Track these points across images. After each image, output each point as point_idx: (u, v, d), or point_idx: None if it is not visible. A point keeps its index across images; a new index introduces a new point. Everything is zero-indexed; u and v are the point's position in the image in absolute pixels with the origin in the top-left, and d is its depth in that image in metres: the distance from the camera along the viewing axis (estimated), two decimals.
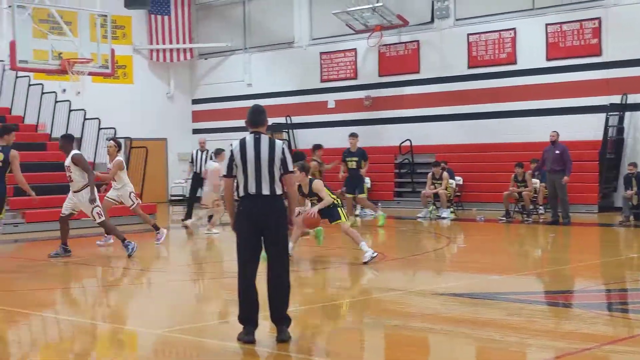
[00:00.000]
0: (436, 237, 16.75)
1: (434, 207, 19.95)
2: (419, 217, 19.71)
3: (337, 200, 12.28)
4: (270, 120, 29.16)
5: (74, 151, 13.17)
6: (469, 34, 22.82)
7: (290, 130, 26.52)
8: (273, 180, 7.23)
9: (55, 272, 12.23)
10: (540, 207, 19.10)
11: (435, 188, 20.08)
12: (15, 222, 17.46)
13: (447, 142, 22.84)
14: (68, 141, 13.30)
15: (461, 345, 7.33)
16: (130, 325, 8.62)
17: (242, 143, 7.26)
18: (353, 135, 18.85)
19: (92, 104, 23.23)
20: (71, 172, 13.01)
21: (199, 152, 19.03)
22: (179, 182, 27.74)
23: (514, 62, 22.13)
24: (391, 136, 23.86)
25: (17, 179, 12.28)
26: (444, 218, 19.39)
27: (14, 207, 17.42)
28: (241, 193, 7.25)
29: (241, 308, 7.24)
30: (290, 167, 7.34)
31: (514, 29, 22.07)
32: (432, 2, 23.44)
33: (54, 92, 22.90)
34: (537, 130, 21.21)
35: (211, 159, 17.59)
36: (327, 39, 25.87)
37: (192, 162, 19.21)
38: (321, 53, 25.99)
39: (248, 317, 7.20)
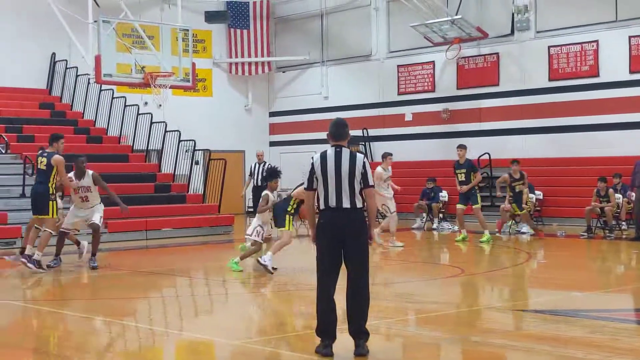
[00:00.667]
0: (516, 252, 16.51)
1: (514, 221, 19.67)
2: (498, 232, 19.46)
3: None
4: None
5: (90, 171, 13.42)
6: (549, 46, 22.48)
7: (367, 143, 26.53)
8: (353, 193, 7.24)
9: (137, 282, 12.47)
10: (623, 223, 18.67)
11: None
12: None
13: (527, 156, 22.50)
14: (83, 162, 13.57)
15: None
16: (209, 335, 8.71)
17: (323, 156, 7.31)
18: (461, 147, 18.18)
19: (172, 116, 23.67)
20: (90, 191, 13.25)
21: (257, 165, 19.17)
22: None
23: (597, 75, 21.70)
24: (469, 149, 23.56)
25: (63, 182, 13.18)
26: (523, 233, 19.11)
27: None
28: (322, 206, 7.29)
29: (319, 320, 7.26)
30: (371, 181, 7.33)
31: (596, 41, 21.66)
32: (513, 14, 23.19)
33: (136, 104, 23.38)
34: (619, 145, 20.78)
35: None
36: (404, 51, 25.82)
37: (250, 174, 19.35)
38: (398, 66, 25.95)
39: (326, 330, 7.21)
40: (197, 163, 23.18)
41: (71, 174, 13.34)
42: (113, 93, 23.25)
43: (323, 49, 28.14)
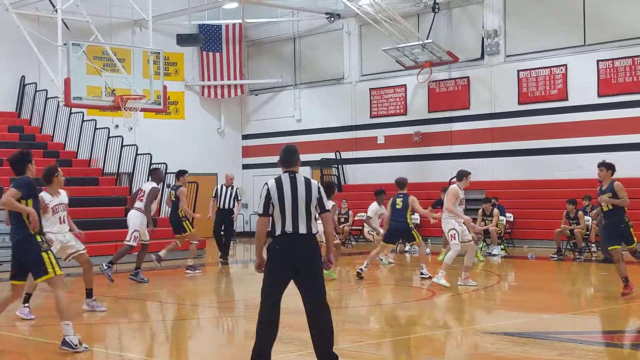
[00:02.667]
0: (486, 274, 16.55)
1: (485, 243, 19.77)
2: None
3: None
4: (320, 156, 29.42)
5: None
6: (519, 70, 22.72)
7: (339, 166, 26.58)
8: (310, 219, 7.23)
9: (107, 307, 12.35)
10: (593, 245, 18.81)
11: (486, 224, 19.93)
12: None
13: (498, 178, 22.69)
14: None
15: None
16: None
17: (279, 182, 7.26)
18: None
19: (144, 139, 23.59)
20: None
21: (225, 188, 18.80)
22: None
23: (566, 99, 21.95)
24: (441, 172, 23.72)
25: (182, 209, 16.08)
26: (494, 255, 19.21)
27: None
28: (277, 232, 7.23)
29: (257, 342, 7.14)
30: (327, 205, 7.36)
31: (565, 65, 21.93)
32: (482, 39, 23.44)
33: (106, 127, 23.27)
34: (588, 167, 20.83)
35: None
36: (376, 75, 25.97)
37: (215, 196, 18.91)
38: (371, 89, 26.08)
39: (262, 352, 7.13)
40: (168, 186, 23.03)
41: None
42: (83, 116, 23.13)
43: (296, 72, 28.23)
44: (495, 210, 19.78)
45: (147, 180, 16.24)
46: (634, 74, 20.79)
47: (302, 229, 7.17)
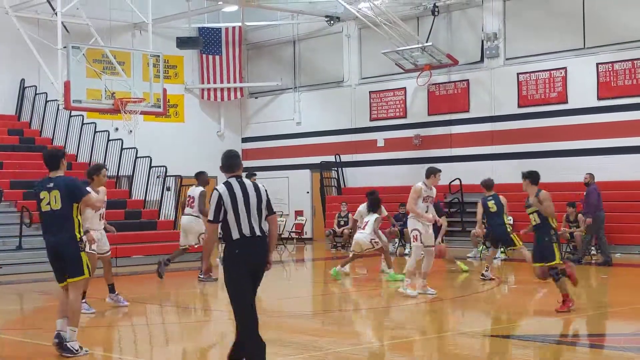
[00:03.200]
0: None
1: (484, 246, 19.77)
2: (469, 257, 19.55)
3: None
4: (319, 159, 29.39)
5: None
6: (519, 73, 22.73)
7: (339, 169, 26.59)
8: (261, 221, 7.33)
9: (107, 310, 12.35)
10: (592, 248, 18.81)
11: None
12: None
13: (497, 181, 22.53)
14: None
15: None
16: None
17: (229, 187, 7.29)
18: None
19: (143, 142, 23.62)
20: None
21: None
22: None
23: (565, 102, 21.95)
24: (441, 175, 23.70)
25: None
26: (495, 258, 19.16)
27: None
28: (235, 236, 7.21)
29: (251, 350, 7.18)
30: (273, 207, 7.47)
31: (564, 68, 21.94)
32: (482, 42, 23.45)
33: (106, 130, 23.31)
34: (588, 170, 20.89)
35: None
36: (376, 78, 25.99)
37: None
38: (370, 92, 26.10)
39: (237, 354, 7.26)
40: (168, 189, 23.07)
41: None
42: (83, 119, 23.17)
43: (295, 75, 28.25)
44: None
45: (194, 185, 16.35)
46: (633, 77, 20.79)
47: (258, 232, 7.26)
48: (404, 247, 21.53)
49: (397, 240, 21.85)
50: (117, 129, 23.75)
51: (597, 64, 21.29)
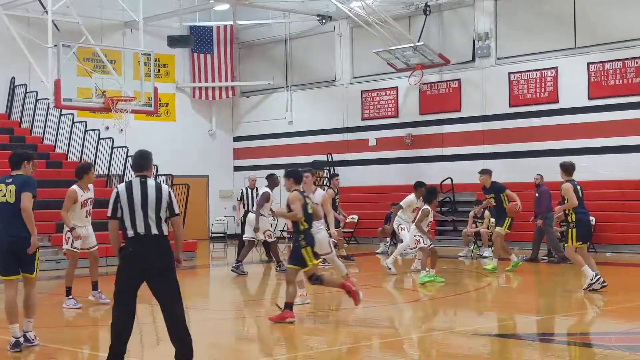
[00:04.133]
0: (477, 276, 16.57)
1: (476, 245, 19.80)
2: (460, 256, 19.58)
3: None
4: (311, 158, 29.28)
5: None
6: (510, 73, 22.76)
7: (331, 168, 26.58)
8: (160, 221, 7.39)
9: (100, 309, 12.31)
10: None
11: (477, 227, 19.97)
12: (57, 258, 17.64)
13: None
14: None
15: None
16: None
17: (129, 186, 7.47)
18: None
19: (134, 141, 23.46)
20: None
21: (249, 190, 18.74)
22: (219, 219, 27.94)
23: (556, 101, 21.99)
24: (432, 174, 23.72)
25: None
26: (485, 257, 19.22)
27: (54, 244, 17.64)
28: (129, 234, 7.33)
29: (113, 343, 7.39)
30: (177, 209, 7.52)
31: (555, 67, 21.98)
32: (474, 41, 23.48)
33: (97, 129, 23.24)
34: (579, 169, 20.87)
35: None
36: (368, 77, 26.00)
37: (240, 199, 19.00)
38: (362, 91, 26.11)
39: (118, 352, 7.39)
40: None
41: None
42: (73, 118, 23.11)
43: (287, 74, 28.24)
44: (487, 213, 19.78)
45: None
46: (624, 77, 20.84)
47: (155, 230, 7.34)
48: (395, 246, 21.50)
49: (388, 239, 21.82)
50: (107, 128, 23.71)
51: (588, 64, 21.34)
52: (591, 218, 18.37)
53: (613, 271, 16.88)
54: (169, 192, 7.53)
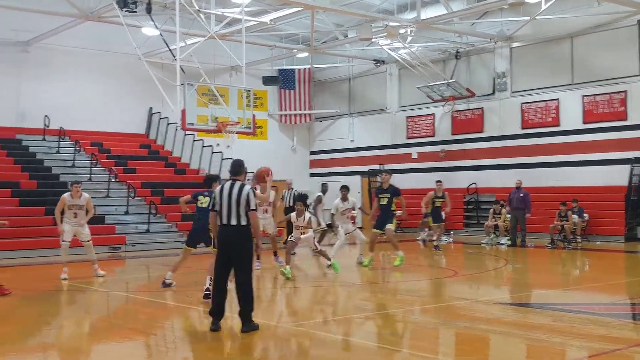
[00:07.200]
0: (496, 259, 16.43)
1: (494, 235, 19.61)
2: (482, 243, 19.41)
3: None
4: (367, 167, 29.19)
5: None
6: (522, 103, 22.46)
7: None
8: (239, 214, 7.41)
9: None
10: (579, 237, 18.50)
11: (496, 220, 19.78)
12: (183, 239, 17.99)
13: (505, 185, 22.42)
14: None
15: (516, 343, 7.23)
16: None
17: (222, 187, 7.59)
18: (384, 173, 14.99)
19: (237, 154, 23.67)
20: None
21: (288, 191, 19.09)
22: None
23: (558, 125, 21.62)
24: (461, 180, 23.63)
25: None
26: (502, 244, 19.02)
27: (180, 229, 17.98)
28: (219, 223, 7.52)
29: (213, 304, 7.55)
30: (252, 206, 7.45)
31: (557, 99, 21.61)
32: (494, 79, 23.23)
33: (210, 145, 23.70)
34: (576, 177, 20.73)
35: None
36: (411, 106, 25.92)
37: (282, 198, 19.08)
38: (407, 117, 26.04)
39: (215, 311, 7.50)
40: (255, 189, 23.28)
41: None
42: (194, 137, 23.60)
43: (350, 104, 28.34)
44: (504, 210, 19.58)
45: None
46: (610, 106, 20.39)
47: (233, 221, 7.41)
48: (431, 235, 21.39)
49: (426, 230, 21.70)
50: (218, 144, 24.13)
51: (583, 96, 20.94)
52: (585, 215, 18.27)
53: (601, 255, 16.60)
54: (248, 192, 7.41)
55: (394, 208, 13.84)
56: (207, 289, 9.25)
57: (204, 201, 10.36)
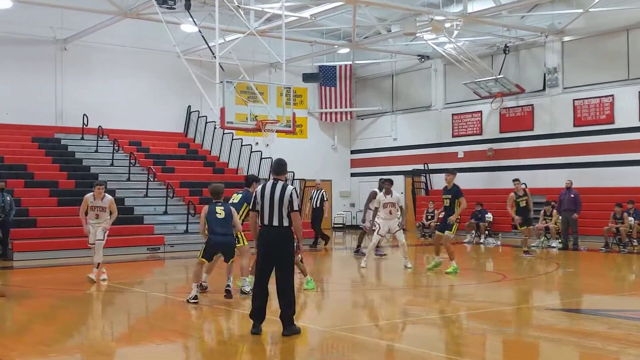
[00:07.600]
0: (547, 262, 16.18)
1: (545, 238, 19.31)
2: (533, 246, 19.12)
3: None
4: (411, 167, 29.15)
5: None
6: (574, 99, 22.08)
7: (427, 175, 26.44)
8: (281, 215, 7.36)
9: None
10: (635, 240, 18.09)
11: (547, 222, 19.48)
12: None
13: (556, 185, 22.05)
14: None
15: (569, 350, 7.11)
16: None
17: (264, 186, 7.53)
18: (448, 173, 14.84)
19: (277, 153, 23.93)
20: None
21: (316, 191, 19.32)
22: (340, 213, 28.24)
23: (612, 122, 21.19)
24: (509, 181, 23.13)
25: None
26: (553, 247, 18.73)
27: None
28: (259, 223, 7.50)
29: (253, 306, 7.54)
30: (295, 206, 7.41)
31: (612, 95, 21.18)
32: (544, 74, 22.89)
33: (249, 144, 23.86)
34: (632, 177, 20.25)
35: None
36: (457, 103, 25.71)
37: (310, 199, 19.48)
38: (453, 114, 25.84)
39: (256, 314, 7.49)
40: (294, 189, 23.40)
41: None
42: (233, 136, 23.79)
43: (393, 102, 28.25)
44: (555, 212, 19.28)
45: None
46: None
47: (275, 222, 7.37)
48: (479, 238, 21.25)
49: (473, 232, 21.58)
50: (257, 143, 24.30)
51: (639, 92, 20.47)
52: None
53: None
54: (291, 192, 7.36)
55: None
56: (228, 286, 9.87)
57: (235, 197, 10.83)
